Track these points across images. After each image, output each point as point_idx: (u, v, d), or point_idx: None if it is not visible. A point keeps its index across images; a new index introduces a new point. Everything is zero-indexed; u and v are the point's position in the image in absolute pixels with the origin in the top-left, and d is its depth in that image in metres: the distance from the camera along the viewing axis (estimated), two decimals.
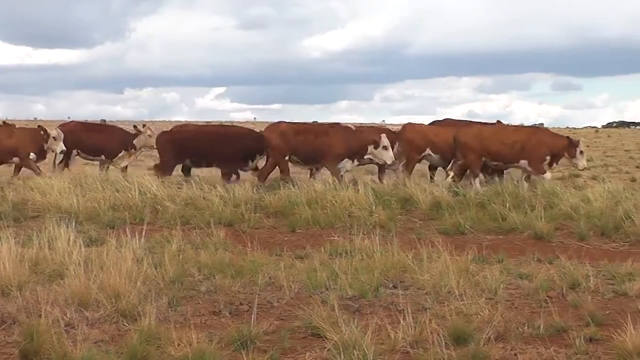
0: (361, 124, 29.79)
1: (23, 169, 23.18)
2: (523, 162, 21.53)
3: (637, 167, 38.61)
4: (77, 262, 10.62)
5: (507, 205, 17.53)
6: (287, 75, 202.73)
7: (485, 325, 8.90)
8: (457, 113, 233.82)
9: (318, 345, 8.33)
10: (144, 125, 24.51)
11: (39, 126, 24.05)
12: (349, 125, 25.39)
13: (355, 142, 22.72)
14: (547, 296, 10.41)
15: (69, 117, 49.02)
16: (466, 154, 21.84)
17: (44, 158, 23.44)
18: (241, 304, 10.00)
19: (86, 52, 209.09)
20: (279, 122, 24.04)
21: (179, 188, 19.21)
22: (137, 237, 12.09)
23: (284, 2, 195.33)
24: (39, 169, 22.57)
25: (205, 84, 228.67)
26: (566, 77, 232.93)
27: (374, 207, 17.64)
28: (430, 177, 23.48)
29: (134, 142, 23.58)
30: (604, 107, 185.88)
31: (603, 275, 11.73)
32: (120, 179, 19.69)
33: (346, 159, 22.62)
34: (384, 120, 79.45)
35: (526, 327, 9.00)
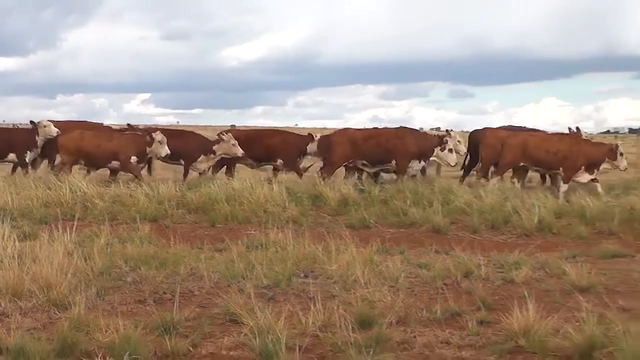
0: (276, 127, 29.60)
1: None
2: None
3: None
4: (11, 255, 10.44)
5: (408, 201, 17.69)
6: (207, 83, 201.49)
7: (388, 310, 8.96)
8: (362, 118, 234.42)
9: (235, 330, 8.32)
10: (226, 133, 23.62)
11: (145, 130, 23.28)
12: (415, 129, 25.37)
13: (426, 144, 22.39)
14: (444, 284, 10.48)
15: (4, 121, 47.93)
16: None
17: (145, 162, 22.62)
18: (164, 293, 9.95)
19: (21, 60, 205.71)
20: (346, 129, 23.77)
21: (107, 186, 19.09)
22: (68, 232, 11.92)
23: (203, 16, 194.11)
24: (141, 172, 21.79)
25: (132, 90, 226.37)
26: (461, 85, 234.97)
27: (287, 204, 17.68)
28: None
29: (214, 148, 22.66)
30: (494, 112, 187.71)
31: (493, 265, 11.85)
32: (53, 179, 19.43)
33: (415, 160, 22.22)
34: (296, 124, 79.58)
35: (424, 312, 9.06)
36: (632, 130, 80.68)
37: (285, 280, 10.45)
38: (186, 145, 22.74)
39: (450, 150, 21.95)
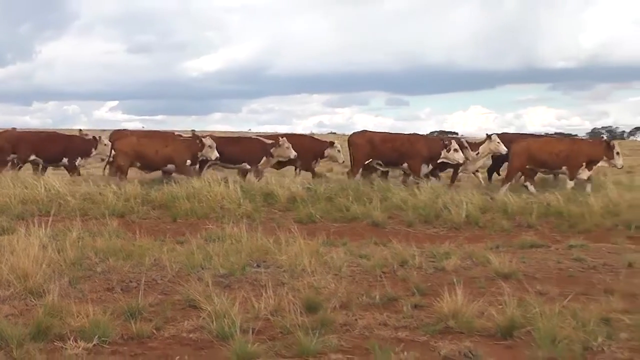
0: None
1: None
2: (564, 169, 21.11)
3: None
4: None
5: (350, 198, 17.74)
6: (169, 91, 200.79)
7: (332, 296, 8.96)
8: (309, 124, 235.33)
9: (195, 314, 8.28)
10: (282, 137, 23.55)
11: (194, 136, 23.22)
12: (425, 134, 25.20)
13: (434, 147, 22.28)
14: (382, 272, 10.50)
15: None
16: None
17: (197, 165, 22.23)
18: (131, 281, 9.88)
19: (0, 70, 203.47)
20: (364, 131, 23.47)
21: (78, 185, 18.95)
22: (43, 227, 11.85)
23: (166, 31, 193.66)
24: (196, 174, 21.21)
25: (101, 98, 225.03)
26: (397, 94, 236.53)
27: (241, 201, 17.66)
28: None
29: (271, 151, 22.63)
30: (427, 119, 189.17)
31: (426, 255, 11.88)
32: (29, 178, 19.26)
33: (424, 164, 22.16)
34: (250, 129, 79.48)
35: (365, 297, 9.07)
36: (547, 134, 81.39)
37: (239, 270, 10.43)
38: (250, 150, 22.70)
39: (456, 150, 21.74)
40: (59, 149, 23.17)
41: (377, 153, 22.16)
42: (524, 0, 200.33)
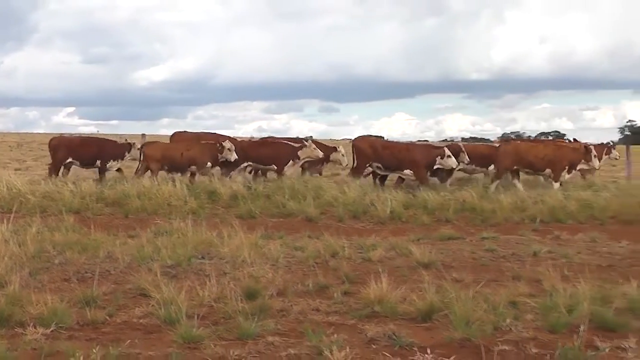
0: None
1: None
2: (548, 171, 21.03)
3: None
4: None
5: (286, 196, 17.73)
6: (122, 99, 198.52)
7: (270, 284, 8.96)
8: (249, 129, 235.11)
9: (145, 302, 8.20)
10: (306, 140, 23.21)
11: (215, 140, 22.63)
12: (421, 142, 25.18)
13: (430, 154, 21.95)
14: (315, 262, 10.51)
15: None
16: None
17: (218, 166, 21.97)
18: (86, 272, 9.74)
19: None
20: (367, 136, 23.26)
21: (38, 184, 18.68)
22: (5, 222, 11.71)
23: (119, 43, 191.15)
24: (213, 176, 21.06)
25: (59, 105, 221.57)
26: (329, 102, 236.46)
27: (187, 198, 17.60)
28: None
29: (299, 153, 22.11)
30: (355, 125, 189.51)
31: (355, 247, 11.93)
32: None
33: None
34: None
35: (299, 285, 9.07)
36: (464, 139, 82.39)
37: (185, 261, 10.36)
38: (279, 152, 22.31)
39: (449, 157, 21.42)
40: (94, 153, 22.79)
41: (378, 157, 21.78)
42: (442, 18, 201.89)
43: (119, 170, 22.81)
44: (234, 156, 21.44)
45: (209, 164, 21.52)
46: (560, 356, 6.43)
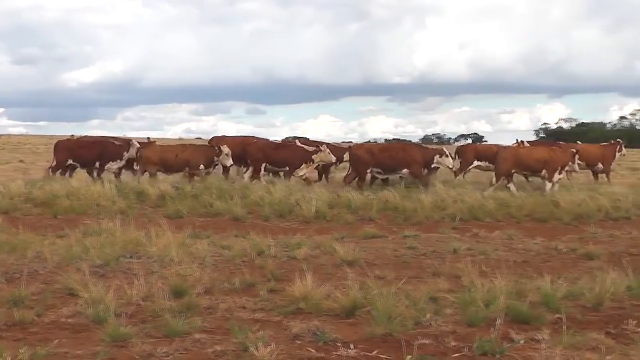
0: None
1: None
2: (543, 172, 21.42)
3: None
4: None
5: (214, 196, 17.68)
6: (51, 100, 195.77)
7: (197, 283, 8.94)
8: (178, 130, 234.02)
9: (73, 301, 8.10)
10: (322, 144, 23.10)
11: (214, 144, 23.05)
12: (420, 143, 25.39)
13: (428, 154, 22.21)
14: (242, 261, 10.53)
15: None
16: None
17: (212, 168, 22.37)
18: (14, 272, 9.57)
19: None
20: (363, 143, 23.13)
21: None
22: None
23: (49, 44, 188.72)
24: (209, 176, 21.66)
25: None
26: (256, 104, 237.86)
27: (116, 198, 17.44)
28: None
29: (313, 157, 22.07)
30: (282, 126, 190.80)
31: (280, 245, 11.95)
32: None
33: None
34: (124, 134, 78.04)
35: (226, 283, 9.05)
36: (387, 140, 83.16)
37: (114, 261, 10.27)
38: (292, 155, 22.32)
39: (447, 156, 22.02)
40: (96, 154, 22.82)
41: (376, 161, 21.82)
42: (364, 23, 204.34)
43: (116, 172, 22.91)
44: (230, 161, 21.97)
45: (202, 166, 21.83)
46: (477, 348, 6.56)
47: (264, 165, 22.19)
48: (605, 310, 8.13)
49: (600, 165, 25.43)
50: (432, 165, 22.13)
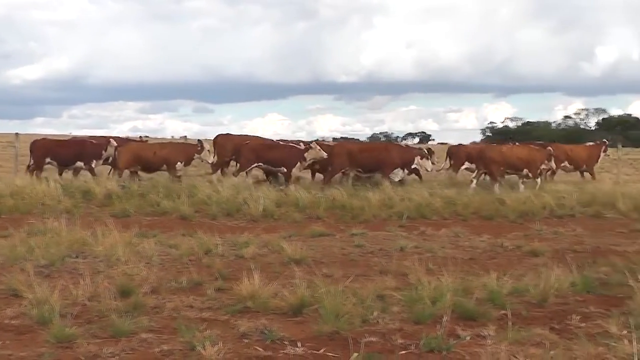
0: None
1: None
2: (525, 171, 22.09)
3: None
4: None
5: (161, 195, 17.57)
6: None
7: (144, 282, 8.87)
8: (124, 128, 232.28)
9: (17, 302, 7.98)
10: (314, 141, 23.24)
11: (198, 140, 23.03)
12: (400, 144, 25.93)
13: (408, 155, 22.30)
14: (189, 260, 10.50)
15: None
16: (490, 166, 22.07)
17: (189, 165, 22.81)
18: None
19: None
20: (344, 142, 23.02)
21: None
22: None
23: None
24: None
25: None
26: (203, 103, 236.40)
27: (61, 198, 17.24)
28: None
29: (305, 155, 21.83)
30: (230, 124, 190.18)
31: (228, 244, 11.92)
32: None
33: (399, 169, 22.01)
34: (70, 132, 77.07)
35: (173, 282, 9.01)
36: (335, 139, 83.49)
37: (59, 260, 10.14)
38: (288, 155, 22.07)
39: (427, 158, 22.21)
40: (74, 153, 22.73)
41: (355, 162, 22.06)
42: (312, 22, 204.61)
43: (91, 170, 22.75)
44: (211, 158, 22.32)
45: (179, 164, 21.87)
46: (424, 345, 6.61)
47: (254, 165, 22.11)
48: (549, 306, 8.27)
49: (585, 166, 25.98)
50: (412, 166, 22.43)
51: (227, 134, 25.32)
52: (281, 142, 24.26)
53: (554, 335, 7.06)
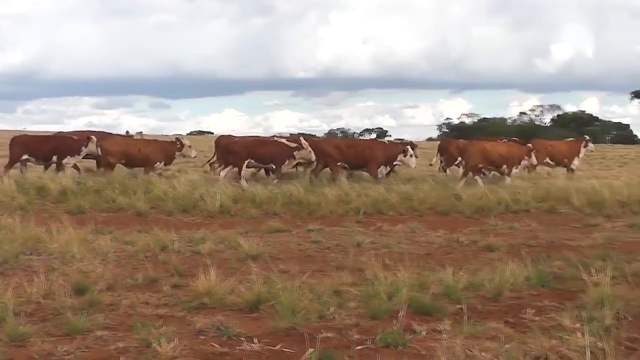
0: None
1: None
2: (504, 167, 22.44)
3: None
4: None
5: (117, 191, 17.47)
6: None
7: (99, 279, 8.82)
8: (79, 124, 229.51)
9: None
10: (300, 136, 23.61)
11: (176, 138, 23.50)
12: (384, 141, 26.91)
13: (391, 152, 22.48)
14: (145, 256, 10.43)
15: None
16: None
17: (170, 164, 23.30)
18: None
19: None
20: (332, 138, 23.17)
21: None
22: None
23: None
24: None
25: None
26: (159, 98, 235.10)
27: (15, 194, 17.03)
28: None
29: (294, 153, 21.86)
30: (186, 120, 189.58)
31: (184, 240, 11.90)
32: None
33: (382, 166, 22.33)
34: (25, 128, 76.03)
35: (129, 279, 8.95)
36: (292, 134, 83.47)
37: (13, 258, 10.01)
38: (278, 152, 22.09)
39: (412, 156, 22.36)
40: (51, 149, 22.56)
41: (343, 157, 22.44)
42: (269, 18, 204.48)
43: (75, 166, 22.74)
44: (194, 153, 22.91)
45: (159, 163, 22.13)
46: (380, 341, 6.65)
47: (246, 162, 22.02)
48: (504, 300, 8.36)
49: (566, 161, 26.24)
50: (394, 163, 22.71)
51: (229, 135, 25.69)
52: (277, 139, 24.64)
53: (509, 329, 7.13)
